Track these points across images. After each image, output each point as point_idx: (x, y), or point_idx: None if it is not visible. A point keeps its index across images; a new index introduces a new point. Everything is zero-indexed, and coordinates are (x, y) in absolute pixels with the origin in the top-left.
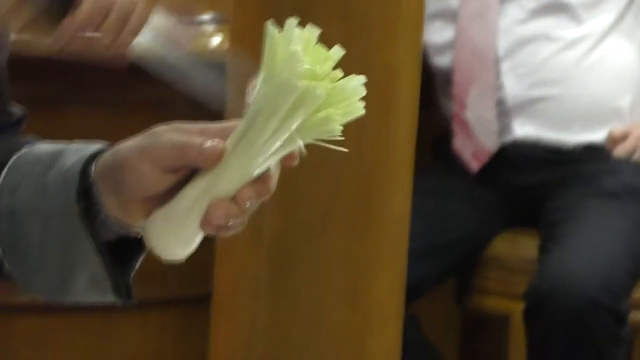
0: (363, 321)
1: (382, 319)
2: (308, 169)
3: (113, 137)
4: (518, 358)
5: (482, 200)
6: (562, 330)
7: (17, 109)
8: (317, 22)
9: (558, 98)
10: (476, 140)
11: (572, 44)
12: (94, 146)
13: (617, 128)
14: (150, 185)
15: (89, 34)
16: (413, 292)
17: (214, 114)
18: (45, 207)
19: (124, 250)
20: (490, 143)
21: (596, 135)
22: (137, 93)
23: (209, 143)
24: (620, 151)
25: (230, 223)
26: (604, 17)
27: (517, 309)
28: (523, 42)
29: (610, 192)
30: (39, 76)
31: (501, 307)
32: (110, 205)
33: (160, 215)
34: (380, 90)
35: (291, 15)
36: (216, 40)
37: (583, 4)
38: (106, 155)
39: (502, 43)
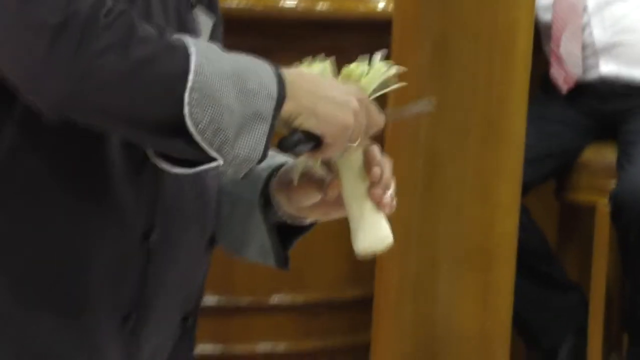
0: (491, 211)
1: (506, 209)
2: (452, 99)
3: None
4: (602, 239)
5: (576, 122)
6: (636, 228)
7: None
8: None
9: (633, 43)
10: (566, 68)
11: None
12: (277, 158)
13: None
14: (309, 200)
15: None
16: (524, 189)
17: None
18: (236, 190)
19: (288, 231)
20: (576, 71)
21: None
22: (319, 42)
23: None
24: None
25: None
26: None
27: (601, 201)
28: (607, 3)
29: None
30: (254, 30)
31: (589, 200)
32: (285, 208)
33: (355, 227)
34: (505, 40)
35: None
36: (382, 3)
37: None
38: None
39: (591, 3)
